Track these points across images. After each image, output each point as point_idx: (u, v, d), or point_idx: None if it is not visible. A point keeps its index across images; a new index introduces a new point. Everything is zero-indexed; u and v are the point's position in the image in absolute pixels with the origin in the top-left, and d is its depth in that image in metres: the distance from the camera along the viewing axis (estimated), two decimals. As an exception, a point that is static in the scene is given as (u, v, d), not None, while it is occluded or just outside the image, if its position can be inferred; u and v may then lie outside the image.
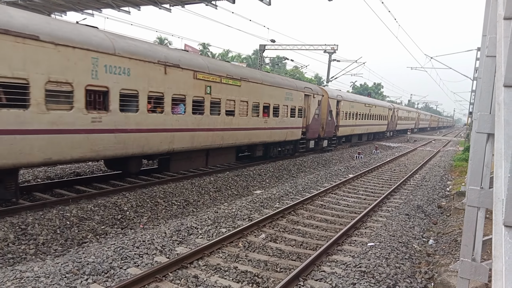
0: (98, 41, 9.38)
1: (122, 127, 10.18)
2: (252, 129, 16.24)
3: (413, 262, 7.43)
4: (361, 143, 35.13)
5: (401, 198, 13.12)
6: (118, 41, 10.12)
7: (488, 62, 4.45)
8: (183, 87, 12.08)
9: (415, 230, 9.47)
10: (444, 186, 15.98)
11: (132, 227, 8.98)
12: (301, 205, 11.13)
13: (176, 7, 18.32)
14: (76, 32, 9.05)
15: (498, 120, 2.90)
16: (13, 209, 8.39)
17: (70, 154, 8.98)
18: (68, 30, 8.85)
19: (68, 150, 8.87)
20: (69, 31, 8.85)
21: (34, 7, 18.01)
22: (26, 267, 5.96)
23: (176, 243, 7.60)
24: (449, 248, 7.93)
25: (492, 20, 4.70)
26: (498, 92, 3.16)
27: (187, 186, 12.17)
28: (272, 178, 15.94)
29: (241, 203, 10.91)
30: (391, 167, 21.12)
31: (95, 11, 20.05)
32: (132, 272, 6.13)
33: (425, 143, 41.99)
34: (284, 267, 6.79)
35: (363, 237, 8.70)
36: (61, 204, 9.04)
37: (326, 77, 36.29)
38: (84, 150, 9.24)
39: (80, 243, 7.78)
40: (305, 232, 8.92)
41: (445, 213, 11.40)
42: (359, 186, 15.10)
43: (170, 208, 10.55)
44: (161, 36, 53.59)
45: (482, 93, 4.45)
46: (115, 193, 10.53)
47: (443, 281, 6.08)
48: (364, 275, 6.37)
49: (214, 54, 61.22)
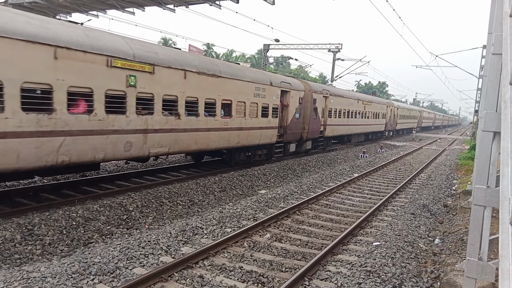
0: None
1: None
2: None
3: (419, 261, 7.39)
4: (365, 142, 34.94)
5: (407, 197, 13.06)
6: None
7: (494, 60, 4.41)
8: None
9: (421, 229, 9.42)
10: (450, 185, 15.89)
11: (137, 227, 9.02)
12: (306, 205, 11.11)
13: (180, 7, 18.35)
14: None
15: (505, 118, 2.88)
16: (20, 210, 8.47)
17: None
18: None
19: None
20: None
21: (39, 9, 18.14)
22: (33, 268, 6.00)
23: (181, 243, 7.62)
24: (456, 247, 7.88)
25: (498, 18, 4.66)
26: (504, 90, 3.14)
27: (192, 186, 12.20)
28: (277, 177, 15.94)
29: (246, 203, 10.91)
30: (396, 166, 21.04)
31: (99, 12, 20.16)
32: (137, 272, 6.15)
33: (431, 142, 41.78)
34: (289, 267, 6.79)
35: (368, 237, 8.68)
36: (67, 205, 9.10)
37: (331, 76, 36.22)
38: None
39: (86, 243, 7.83)
40: (310, 231, 8.91)
41: (451, 212, 11.33)
42: (364, 185, 15.06)
43: (175, 208, 10.58)
44: (165, 37, 53.81)
45: (488, 91, 4.42)
46: (120, 193, 10.58)
47: (449, 281, 6.05)
48: (369, 275, 6.35)
49: (218, 54, 61.36)
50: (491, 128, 4.15)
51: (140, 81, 10.34)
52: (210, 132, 13.42)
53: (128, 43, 10.33)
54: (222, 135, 14.10)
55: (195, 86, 12.44)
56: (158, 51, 11.35)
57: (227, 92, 14.07)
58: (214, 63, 14.33)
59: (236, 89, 14.62)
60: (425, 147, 35.38)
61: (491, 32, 8.37)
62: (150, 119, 10.81)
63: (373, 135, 38.03)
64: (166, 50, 12.66)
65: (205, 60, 14.37)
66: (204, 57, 18.37)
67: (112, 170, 14.33)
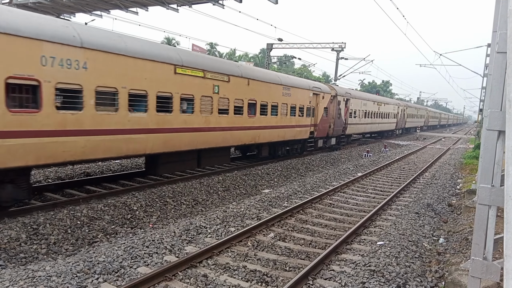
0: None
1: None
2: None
3: (423, 261, 7.37)
4: (370, 141, 34.93)
5: (411, 196, 13.02)
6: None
7: (498, 58, 4.39)
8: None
9: (425, 228, 9.39)
10: (455, 184, 15.82)
11: (141, 227, 9.05)
12: (310, 204, 11.10)
13: (183, 7, 18.35)
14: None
15: (509, 117, 2.87)
16: (25, 209, 8.52)
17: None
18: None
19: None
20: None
21: (43, 9, 18.21)
22: (38, 267, 6.04)
23: (185, 242, 7.64)
24: (460, 246, 7.85)
25: (503, 16, 4.63)
26: (509, 89, 3.13)
27: (196, 185, 12.22)
28: (280, 177, 15.94)
29: (249, 202, 10.92)
30: (400, 165, 20.97)
31: (103, 12, 20.20)
32: (142, 271, 6.18)
33: (435, 141, 41.61)
34: (293, 266, 6.79)
35: (372, 236, 8.66)
36: (72, 204, 9.15)
37: (334, 75, 36.14)
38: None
39: (90, 242, 7.87)
40: (314, 231, 8.90)
41: (455, 212, 11.28)
42: (368, 184, 15.02)
43: (179, 207, 10.61)
44: (168, 36, 53.85)
45: (492, 90, 4.40)
46: (124, 192, 10.62)
47: (454, 280, 6.03)
48: (373, 274, 6.34)
49: (222, 53, 61.39)
50: (496, 127, 4.14)
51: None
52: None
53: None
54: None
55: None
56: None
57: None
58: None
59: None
60: (429, 146, 35.24)
61: (495, 30, 8.32)
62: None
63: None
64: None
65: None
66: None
67: (116, 170, 14.39)
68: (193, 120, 12.38)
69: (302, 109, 19.78)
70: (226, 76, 13.75)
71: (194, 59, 12.77)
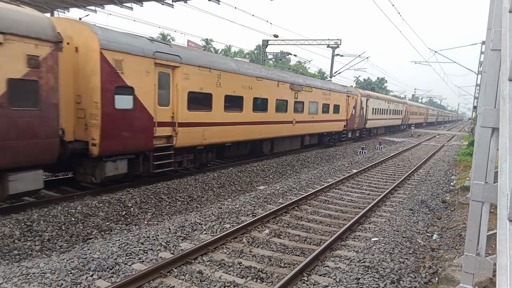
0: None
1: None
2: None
3: (417, 257, 7.42)
4: (365, 138, 35.14)
5: (405, 193, 13.09)
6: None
7: (493, 55, 4.41)
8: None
9: (419, 225, 9.45)
10: (449, 181, 15.93)
11: (136, 223, 9.03)
12: (305, 201, 11.13)
13: (178, 2, 18.26)
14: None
15: (503, 114, 2.89)
16: (19, 206, 8.47)
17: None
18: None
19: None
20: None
21: (37, 4, 18.02)
22: (32, 263, 6.01)
23: (180, 239, 7.63)
24: (454, 242, 7.91)
25: (497, 13, 4.65)
26: (503, 86, 3.14)
27: (191, 182, 12.21)
28: (275, 173, 15.95)
29: (244, 199, 10.93)
30: (395, 162, 21.07)
31: (97, 7, 20.05)
32: (137, 268, 6.17)
33: (429, 138, 41.83)
34: (288, 263, 6.81)
35: (367, 232, 8.70)
36: (66, 201, 9.11)
37: (330, 72, 36.14)
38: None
39: (85, 239, 7.84)
40: (309, 227, 8.93)
41: (449, 208, 11.37)
42: (363, 181, 15.09)
43: (174, 204, 10.59)
44: (163, 32, 53.54)
45: (486, 87, 4.42)
46: (119, 189, 10.59)
47: (447, 276, 6.08)
48: (368, 270, 6.37)
49: (217, 49, 61.13)
50: (490, 124, 4.16)
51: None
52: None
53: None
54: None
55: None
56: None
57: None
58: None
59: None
60: (424, 143, 35.42)
61: (490, 28, 8.36)
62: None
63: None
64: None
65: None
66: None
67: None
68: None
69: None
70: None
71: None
